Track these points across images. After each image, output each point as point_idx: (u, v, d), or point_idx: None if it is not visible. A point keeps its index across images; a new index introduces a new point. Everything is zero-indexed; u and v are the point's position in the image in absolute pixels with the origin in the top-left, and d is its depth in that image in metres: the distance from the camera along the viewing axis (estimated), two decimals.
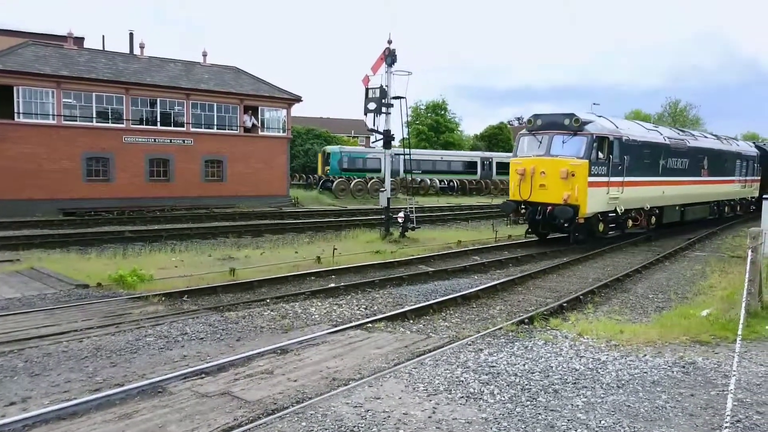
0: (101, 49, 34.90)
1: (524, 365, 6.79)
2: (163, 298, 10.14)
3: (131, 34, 36.33)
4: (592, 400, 5.73)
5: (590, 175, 16.60)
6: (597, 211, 17.27)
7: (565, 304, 10.51)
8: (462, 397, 5.78)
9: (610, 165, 17.30)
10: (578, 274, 14.19)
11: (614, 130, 17.90)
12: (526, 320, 9.17)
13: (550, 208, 16.89)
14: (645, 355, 7.24)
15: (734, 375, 5.98)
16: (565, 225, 17.26)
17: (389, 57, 19.20)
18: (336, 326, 8.73)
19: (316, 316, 9.35)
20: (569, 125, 16.85)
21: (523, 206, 17.61)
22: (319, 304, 9.97)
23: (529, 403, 5.66)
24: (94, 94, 29.02)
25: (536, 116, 17.99)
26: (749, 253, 8.66)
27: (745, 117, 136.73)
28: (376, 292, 11.17)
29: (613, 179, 17.48)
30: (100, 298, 10.27)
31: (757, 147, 31.69)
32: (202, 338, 7.98)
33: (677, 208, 21.77)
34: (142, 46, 34.29)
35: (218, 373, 6.52)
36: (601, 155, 17.05)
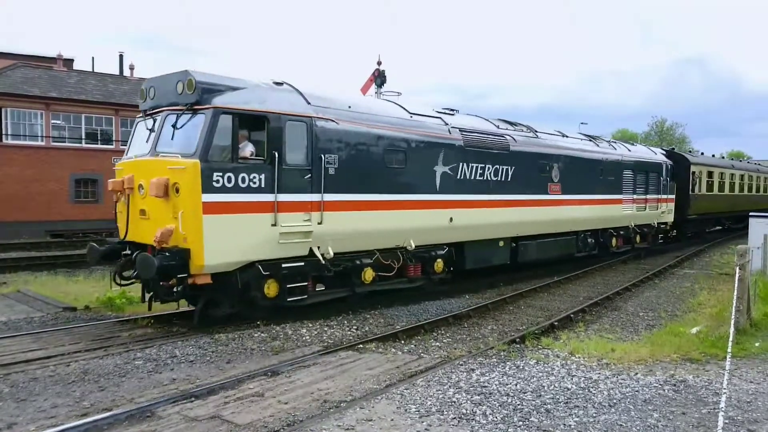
0: (91, 70, 34.94)
1: (516, 385, 6.77)
2: (152, 321, 10.03)
3: (121, 56, 36.44)
4: (585, 420, 5.72)
5: (214, 188, 8.74)
6: (244, 260, 9.25)
7: (556, 323, 10.53)
8: (454, 418, 5.75)
9: (280, 170, 9.42)
10: (569, 292, 14.23)
11: (288, 103, 9.82)
12: (518, 339, 9.17)
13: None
14: (636, 373, 7.25)
15: (725, 393, 6.00)
16: (174, 288, 9.04)
17: (379, 78, 19.39)
18: (327, 348, 8.67)
19: (307, 337, 9.28)
20: (183, 94, 9.15)
21: (127, 251, 9.73)
22: (310, 325, 9.91)
23: (521, 423, 5.64)
24: (83, 115, 28.96)
25: (149, 83, 10.07)
26: (737, 270, 8.74)
27: (730, 137, 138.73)
28: (367, 312, 11.12)
29: (290, 198, 9.63)
30: (87, 321, 10.16)
31: (669, 155, 24.05)
32: (191, 361, 7.89)
33: (500, 243, 14.19)
34: (131, 68, 34.38)
35: (208, 397, 6.44)
36: (250, 149, 9.37)
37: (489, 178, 13.61)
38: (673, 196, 22.92)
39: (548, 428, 5.52)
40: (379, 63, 19.46)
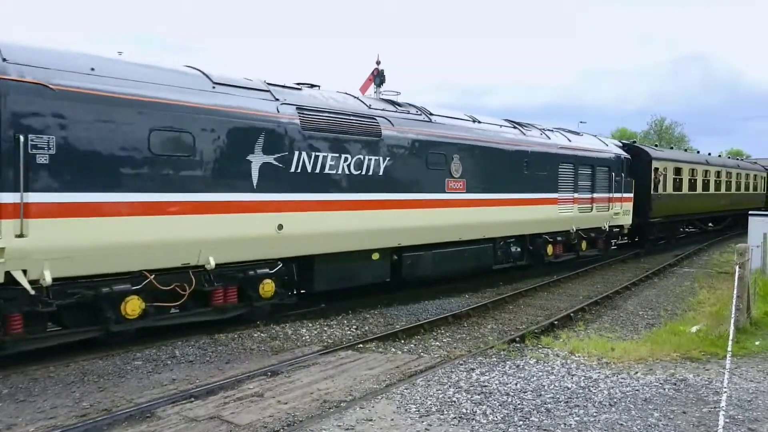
0: None
1: (516, 384, 6.77)
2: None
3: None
4: (585, 419, 5.71)
5: None
6: None
7: (556, 322, 10.52)
8: (454, 417, 5.74)
9: None
10: (568, 291, 14.22)
11: None
12: (518, 339, 9.16)
13: None
14: (636, 372, 7.24)
15: (725, 392, 5.99)
16: None
17: (378, 77, 19.34)
18: (327, 347, 8.67)
19: (307, 337, 9.28)
20: None
21: None
22: (310, 324, 9.90)
23: (521, 422, 5.63)
24: None
25: None
26: (737, 269, 8.73)
27: (729, 135, 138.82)
28: (366, 312, 11.12)
29: None
30: None
31: (627, 149, 21.09)
32: (191, 361, 7.88)
33: (374, 255, 11.26)
34: None
35: (207, 397, 6.43)
36: None
37: (347, 173, 10.41)
38: (631, 195, 19.72)
39: (549, 427, 5.51)
40: (378, 63, 19.40)
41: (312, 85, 11.11)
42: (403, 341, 9.34)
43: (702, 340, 8.53)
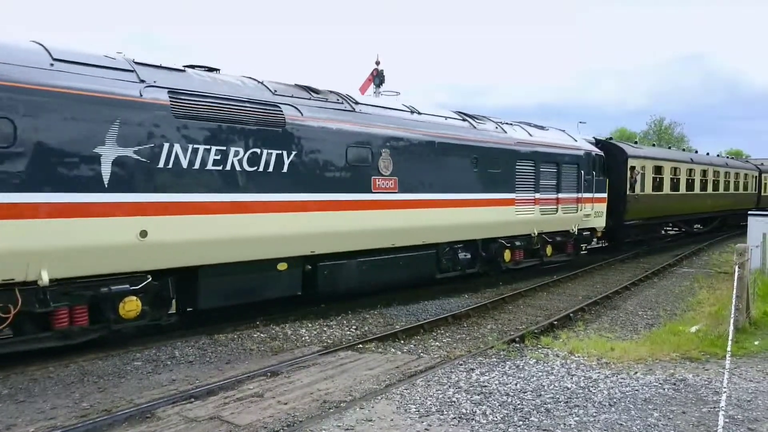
0: None
1: (516, 384, 6.77)
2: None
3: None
4: (585, 419, 5.71)
5: None
6: None
7: (555, 322, 10.53)
8: (454, 417, 5.75)
9: None
10: (568, 291, 14.22)
11: None
12: (517, 339, 9.17)
13: None
14: (636, 372, 7.25)
15: (725, 392, 5.99)
16: None
17: (377, 78, 19.38)
18: (327, 348, 8.67)
19: (307, 337, 9.28)
20: None
21: None
22: (310, 325, 9.91)
23: (521, 423, 5.64)
24: None
25: None
26: (736, 269, 8.74)
27: (729, 135, 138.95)
28: (366, 312, 11.12)
29: None
30: None
31: (602, 145, 19.68)
32: (191, 361, 7.89)
33: (281, 265, 9.73)
34: None
35: (207, 397, 6.43)
36: None
37: (239, 169, 8.86)
38: (604, 196, 18.12)
39: (548, 428, 5.52)
40: (377, 63, 19.45)
41: (210, 69, 9.64)
42: (402, 341, 9.34)
43: (701, 340, 8.54)
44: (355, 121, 10.77)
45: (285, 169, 9.48)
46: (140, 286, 8.01)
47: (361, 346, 8.79)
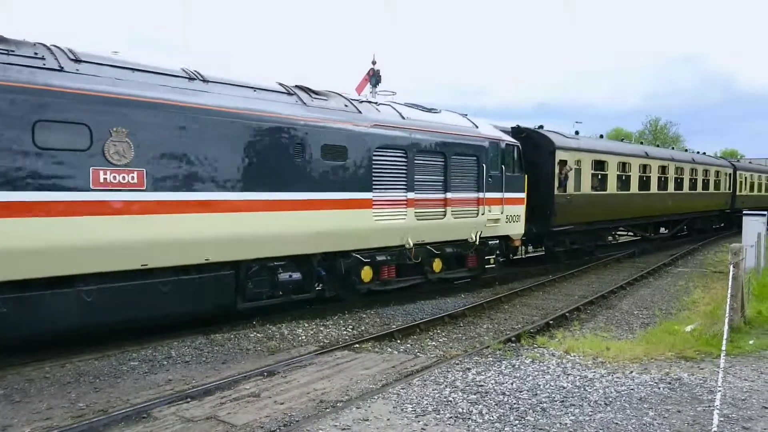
0: None
1: (512, 384, 6.79)
2: None
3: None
4: (580, 418, 5.74)
5: None
6: None
7: (551, 322, 10.56)
8: (451, 417, 5.76)
9: None
10: (564, 291, 14.26)
11: None
12: (513, 338, 9.19)
13: None
14: (631, 371, 7.27)
15: (719, 390, 6.02)
16: None
17: (374, 77, 19.36)
18: (323, 347, 8.68)
19: (303, 337, 9.28)
20: None
21: None
22: (306, 324, 9.91)
23: (517, 422, 5.65)
24: None
25: None
26: (731, 268, 8.78)
27: (724, 135, 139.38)
28: (363, 312, 11.13)
29: None
30: None
31: (526, 135, 16.59)
32: (187, 361, 7.89)
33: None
34: None
35: (204, 397, 6.43)
36: None
37: None
38: (522, 196, 14.85)
39: (544, 427, 5.54)
40: (374, 62, 19.41)
41: None
42: (399, 341, 9.36)
43: (696, 339, 8.57)
44: (56, 82, 7.34)
45: None
46: None
47: (357, 345, 8.80)
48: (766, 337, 8.61)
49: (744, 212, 17.17)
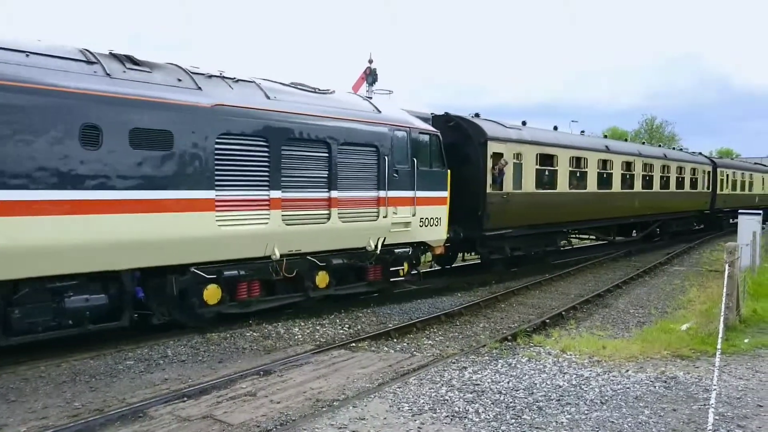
0: None
1: (508, 383, 6.80)
2: None
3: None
4: (577, 417, 5.75)
5: None
6: None
7: (547, 321, 10.57)
8: (447, 416, 5.77)
9: None
10: (560, 290, 14.29)
11: None
12: (510, 337, 9.20)
13: None
14: (627, 370, 7.29)
15: (715, 389, 6.05)
16: None
17: (370, 76, 19.38)
18: (320, 346, 8.67)
19: (300, 336, 9.27)
20: None
21: None
22: (302, 324, 9.90)
23: (513, 420, 5.66)
24: None
25: None
26: (726, 267, 8.80)
27: (721, 135, 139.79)
28: (359, 311, 11.12)
29: None
30: None
31: (454, 123, 14.58)
32: (183, 361, 7.87)
33: None
34: None
35: (200, 396, 6.42)
36: None
37: None
38: (444, 195, 12.67)
39: (540, 425, 5.55)
40: (370, 61, 19.44)
41: None
42: (395, 340, 9.36)
43: (692, 338, 8.60)
44: None
45: None
46: None
47: (354, 344, 8.79)
48: (761, 336, 8.65)
49: (739, 211, 17.19)
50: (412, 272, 12.62)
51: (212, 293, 8.94)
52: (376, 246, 11.06)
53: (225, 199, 8.89)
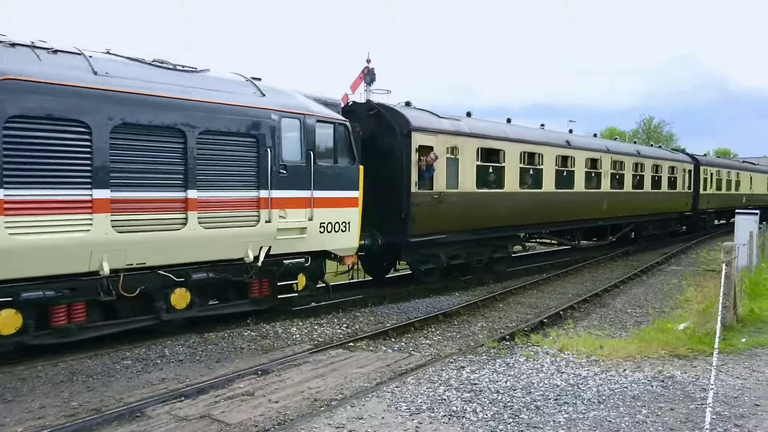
0: None
1: (506, 382, 6.80)
2: None
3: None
4: (574, 416, 5.75)
5: None
6: None
7: (545, 320, 10.59)
8: (445, 415, 5.77)
9: None
10: (558, 289, 14.30)
11: None
12: (508, 337, 9.21)
13: None
14: (625, 370, 7.30)
15: (712, 388, 6.06)
16: None
17: (368, 76, 19.33)
18: (317, 346, 8.67)
19: (297, 335, 9.27)
20: None
21: None
22: (300, 323, 9.89)
23: (511, 420, 5.67)
24: None
25: None
26: (723, 267, 8.82)
27: (718, 135, 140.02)
28: (357, 310, 11.12)
29: None
30: None
31: (376, 112, 12.76)
32: (181, 360, 7.86)
33: None
34: None
35: (198, 396, 6.42)
36: None
37: None
38: (355, 195, 10.82)
39: (538, 425, 5.55)
40: (368, 61, 19.38)
41: None
42: (393, 339, 9.36)
43: (689, 337, 8.61)
44: None
45: None
46: None
47: (351, 344, 8.79)
48: (758, 335, 8.67)
49: (736, 211, 17.22)
50: (317, 286, 10.76)
51: (6, 321, 7.00)
52: (257, 257, 9.22)
53: (20, 200, 6.92)
